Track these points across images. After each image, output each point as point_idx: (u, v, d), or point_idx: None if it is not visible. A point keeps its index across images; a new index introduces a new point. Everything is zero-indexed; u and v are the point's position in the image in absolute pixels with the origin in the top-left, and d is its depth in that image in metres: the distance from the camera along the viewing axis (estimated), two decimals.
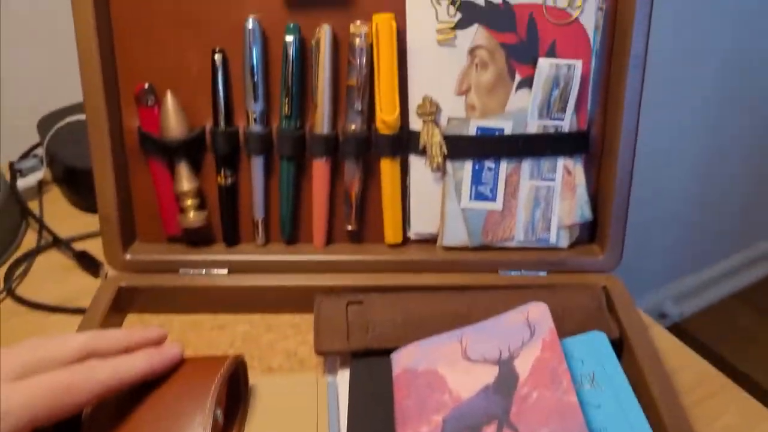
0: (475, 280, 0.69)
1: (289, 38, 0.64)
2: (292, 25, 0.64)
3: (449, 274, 0.70)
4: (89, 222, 0.85)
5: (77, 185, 0.88)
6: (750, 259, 2.26)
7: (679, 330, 2.06)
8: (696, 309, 2.18)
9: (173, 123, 0.67)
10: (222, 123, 0.67)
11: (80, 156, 0.83)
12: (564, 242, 0.71)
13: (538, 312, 0.56)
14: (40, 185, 0.91)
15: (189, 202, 0.69)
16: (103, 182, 0.67)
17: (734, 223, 2.12)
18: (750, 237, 2.24)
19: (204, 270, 0.70)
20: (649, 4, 0.62)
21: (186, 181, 0.68)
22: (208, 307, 0.69)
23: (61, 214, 0.90)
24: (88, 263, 0.78)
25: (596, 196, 0.71)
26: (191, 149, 0.68)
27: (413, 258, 0.71)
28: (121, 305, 0.69)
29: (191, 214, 0.69)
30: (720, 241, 2.14)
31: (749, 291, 2.28)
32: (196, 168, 0.70)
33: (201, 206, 0.70)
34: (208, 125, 0.68)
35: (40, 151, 0.91)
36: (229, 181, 0.69)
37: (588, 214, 0.70)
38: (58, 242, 0.82)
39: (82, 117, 0.85)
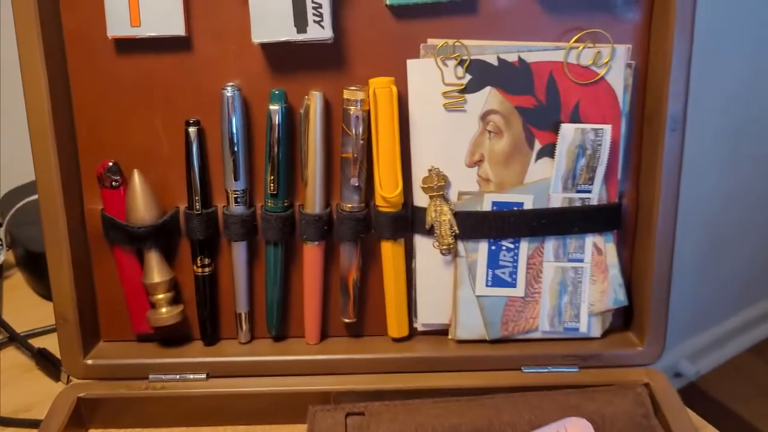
0: (495, 381, 0.59)
1: (274, 107, 0.56)
2: (277, 91, 0.56)
3: (465, 374, 0.60)
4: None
5: (40, 271, 0.78)
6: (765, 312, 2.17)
7: (696, 390, 1.95)
8: (712, 366, 2.08)
9: (141, 206, 0.58)
10: (198, 205, 0.58)
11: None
12: (596, 331, 0.61)
13: (579, 430, 0.46)
14: (0, 269, 0.82)
15: (161, 296, 0.60)
16: (58, 275, 0.58)
17: (747, 275, 2.03)
18: (764, 289, 2.15)
19: (179, 375, 0.60)
20: (687, 60, 0.54)
21: (157, 272, 0.59)
22: (184, 419, 0.60)
23: (23, 302, 0.81)
24: (47, 364, 0.68)
25: (631, 278, 0.62)
26: (163, 235, 0.59)
27: (422, 354, 0.61)
28: (82, 419, 0.59)
29: (163, 309, 0.60)
30: (732, 295, 2.05)
31: (765, 345, 2.18)
32: (169, 256, 0.61)
33: (175, 300, 0.61)
34: (182, 207, 0.59)
35: (1, 232, 0.82)
36: (207, 270, 0.60)
37: (623, 298, 0.61)
38: (14, 338, 0.72)
39: None
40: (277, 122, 0.56)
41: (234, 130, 0.56)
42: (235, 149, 0.57)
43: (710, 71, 1.55)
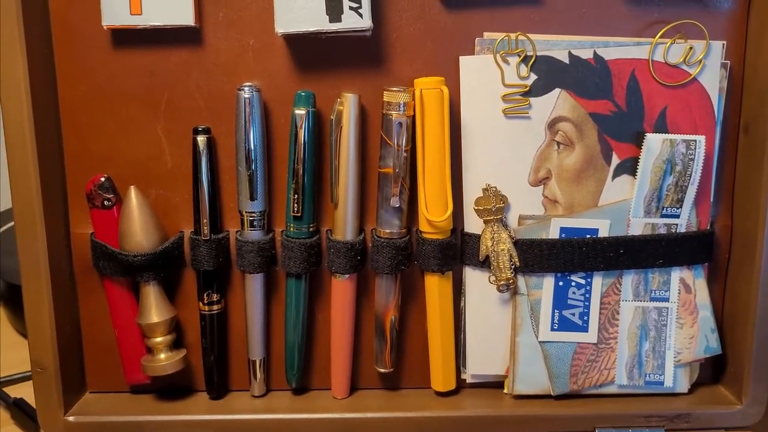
0: None
1: (300, 111, 0.47)
2: (303, 93, 0.47)
3: None
4: None
5: (21, 307, 0.69)
6: None
7: None
8: None
9: (138, 229, 0.48)
10: (206, 229, 0.48)
11: None
12: (683, 386, 0.51)
13: None
14: None
15: (159, 339, 0.50)
16: (36, 313, 0.49)
17: None
18: None
19: None
20: None
21: (155, 311, 0.50)
22: None
23: (2, 342, 0.71)
24: (24, 418, 0.58)
25: (724, 321, 0.52)
26: (163, 265, 0.49)
27: (472, 413, 0.51)
28: None
29: (162, 356, 0.51)
30: None
31: None
32: (170, 291, 0.51)
33: (176, 345, 0.52)
34: (187, 232, 0.50)
35: None
36: (216, 308, 0.51)
37: (715, 346, 0.51)
38: None
39: None
40: (302, 129, 0.47)
41: (251, 140, 0.47)
42: (253, 163, 0.47)
43: None
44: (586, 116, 0.48)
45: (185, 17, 0.46)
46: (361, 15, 0.45)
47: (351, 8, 0.45)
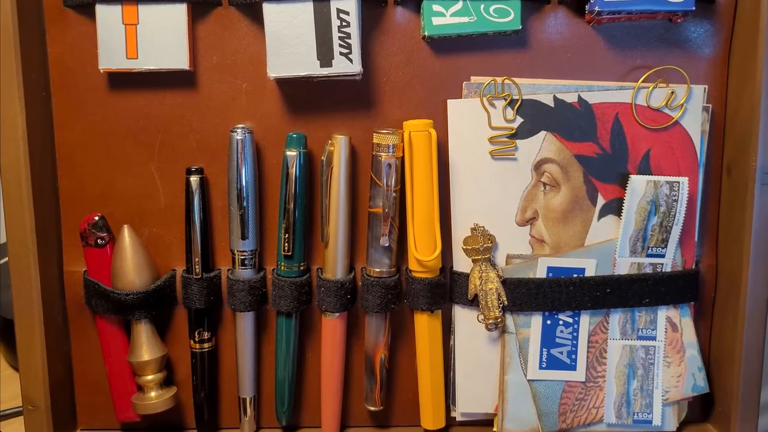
0: None
1: (291, 152, 0.48)
2: (295, 135, 0.48)
3: None
4: None
5: (14, 342, 0.68)
6: None
7: None
8: None
9: (131, 268, 0.49)
10: (198, 267, 0.49)
11: None
12: (671, 424, 0.51)
13: None
14: None
15: (150, 377, 0.50)
16: (28, 351, 0.49)
17: None
18: None
19: None
20: None
21: (147, 349, 0.50)
22: None
23: None
24: None
25: (711, 359, 0.52)
26: (155, 304, 0.50)
27: None
28: None
29: (153, 393, 0.50)
30: None
31: None
32: (162, 329, 0.52)
33: (166, 382, 0.52)
34: (179, 270, 0.50)
35: None
36: (207, 346, 0.51)
37: (703, 384, 0.51)
38: None
39: None
40: (294, 170, 0.48)
41: (243, 180, 0.48)
42: (244, 202, 0.48)
43: None
44: (572, 158, 0.48)
45: (180, 61, 0.47)
46: (351, 60, 0.46)
47: (341, 54, 0.46)
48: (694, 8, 0.46)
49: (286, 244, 0.49)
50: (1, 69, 0.46)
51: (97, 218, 0.49)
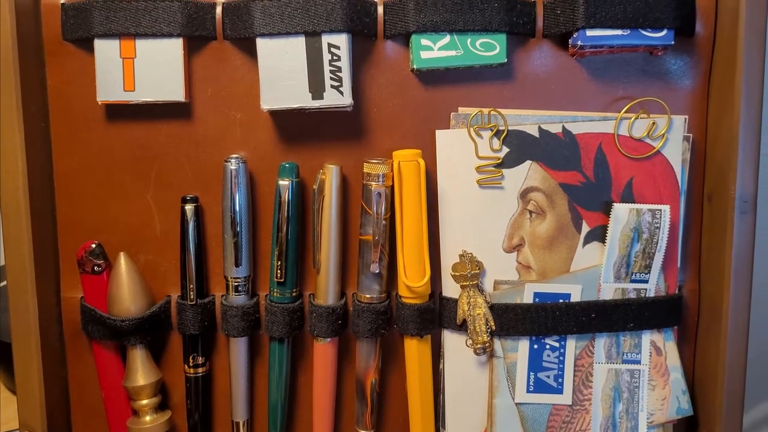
0: None
1: (284, 181, 0.49)
2: (287, 164, 0.49)
3: None
4: None
5: (11, 364, 0.69)
6: None
7: None
8: None
9: (127, 294, 0.50)
10: (192, 294, 0.50)
11: None
12: None
13: None
14: None
15: (145, 401, 0.51)
16: (26, 375, 0.50)
17: None
18: None
19: None
20: (756, 131, 0.48)
21: (142, 374, 0.51)
22: None
23: None
24: None
25: (694, 383, 0.53)
26: (150, 329, 0.51)
27: None
28: None
29: (147, 418, 0.52)
30: None
31: None
32: (157, 354, 0.53)
33: (161, 407, 0.52)
34: (174, 296, 0.51)
35: None
36: (201, 371, 0.52)
37: (687, 407, 0.52)
38: None
39: None
40: (286, 199, 0.49)
41: (237, 208, 0.49)
42: (238, 230, 0.49)
43: None
44: (557, 186, 0.50)
45: (176, 93, 0.48)
46: (342, 93, 0.47)
47: (332, 86, 0.47)
48: (673, 42, 0.47)
49: (279, 271, 0.50)
50: (1, 101, 0.47)
51: (94, 246, 0.51)
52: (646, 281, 0.50)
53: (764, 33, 0.47)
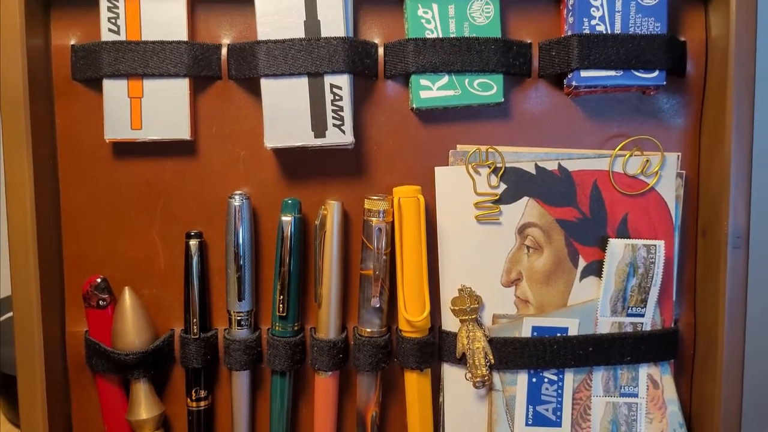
0: None
1: (287, 217, 0.50)
2: (290, 200, 0.50)
3: None
4: None
5: (14, 397, 0.69)
6: None
7: None
8: None
9: (131, 329, 0.51)
10: (195, 328, 0.51)
11: None
12: None
13: None
14: None
15: None
16: (30, 409, 0.50)
17: None
18: None
19: None
20: (747, 168, 0.49)
21: (145, 407, 0.51)
22: None
23: None
24: None
25: (692, 415, 0.53)
26: (153, 363, 0.51)
27: None
28: None
29: None
30: None
31: None
32: (159, 387, 0.53)
33: None
34: (178, 330, 0.52)
35: None
36: (203, 404, 0.52)
37: None
38: None
39: None
40: (288, 234, 0.50)
41: (240, 244, 0.50)
42: (241, 264, 0.50)
43: None
44: (554, 222, 0.51)
45: (182, 131, 0.50)
46: (343, 131, 0.48)
47: (335, 125, 0.48)
48: (665, 83, 0.49)
49: (281, 305, 0.51)
50: (12, 139, 0.48)
51: (99, 280, 0.51)
52: (643, 315, 0.51)
53: (753, 73, 0.48)
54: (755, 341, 0.54)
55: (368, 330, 0.51)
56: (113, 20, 0.49)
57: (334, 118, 0.48)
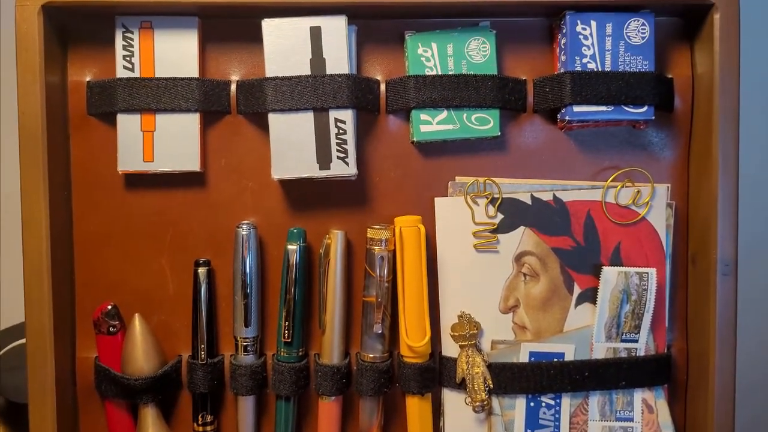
0: None
1: (292, 246, 0.52)
2: (295, 230, 0.52)
3: None
4: None
5: (21, 426, 0.70)
6: None
7: None
8: None
9: (140, 355, 0.52)
10: (203, 353, 0.52)
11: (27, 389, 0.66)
12: None
13: None
14: None
15: None
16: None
17: None
18: None
19: None
20: (733, 199, 0.51)
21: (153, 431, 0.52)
22: None
23: None
24: None
25: None
26: (161, 388, 0.53)
27: None
28: None
29: None
30: None
31: None
32: (167, 412, 0.54)
33: None
34: (185, 356, 0.53)
35: None
36: (209, 429, 0.54)
37: None
38: None
39: None
40: (294, 262, 0.52)
41: (248, 272, 0.52)
42: (248, 292, 0.52)
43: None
44: (549, 251, 0.53)
45: (192, 164, 0.52)
46: (347, 163, 0.50)
47: (339, 157, 0.50)
48: (653, 117, 0.51)
49: (286, 332, 0.52)
50: (29, 171, 0.50)
51: (110, 307, 0.53)
52: (636, 341, 0.53)
53: (737, 107, 0.51)
54: (747, 365, 0.56)
55: (371, 355, 0.52)
56: (128, 58, 0.51)
57: (338, 150, 0.50)
